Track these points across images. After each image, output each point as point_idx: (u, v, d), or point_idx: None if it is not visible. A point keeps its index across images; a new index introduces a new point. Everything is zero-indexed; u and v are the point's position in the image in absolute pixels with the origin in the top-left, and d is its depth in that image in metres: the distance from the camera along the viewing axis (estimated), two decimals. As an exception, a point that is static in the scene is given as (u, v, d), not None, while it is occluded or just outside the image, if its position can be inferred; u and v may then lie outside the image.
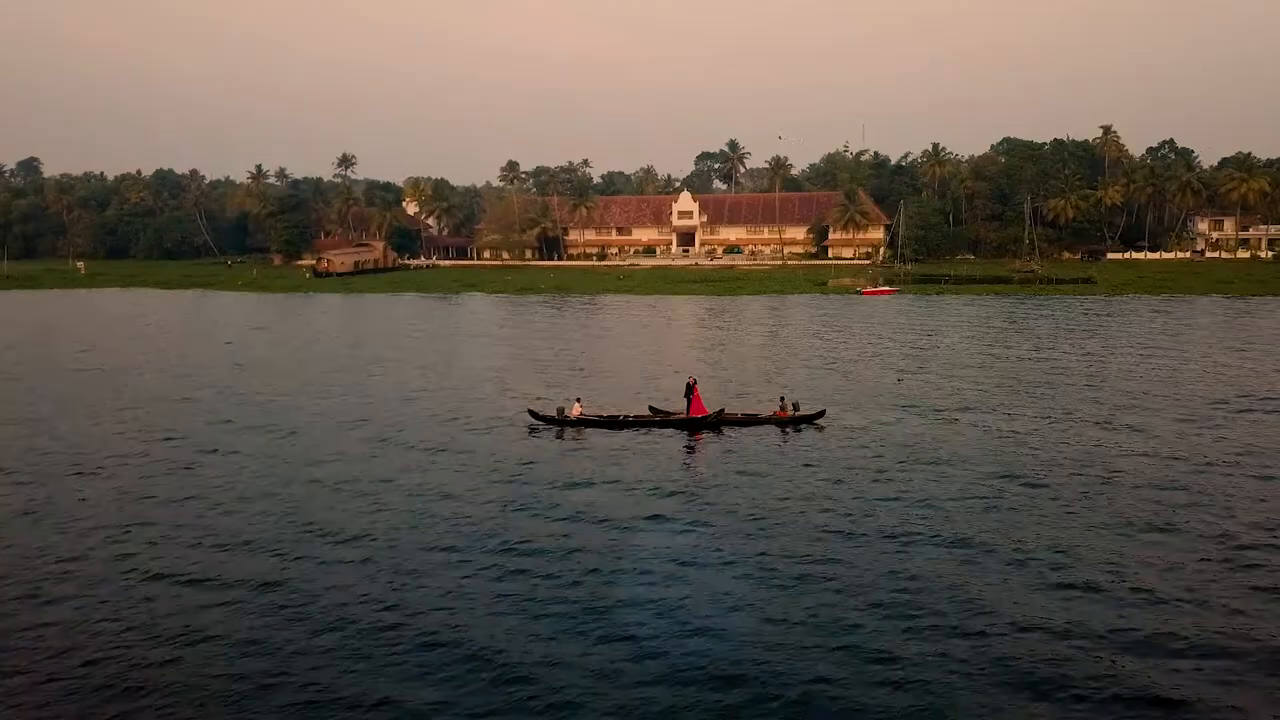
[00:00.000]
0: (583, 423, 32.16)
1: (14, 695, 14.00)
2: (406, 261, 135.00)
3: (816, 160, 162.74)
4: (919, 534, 20.68)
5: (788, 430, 31.48)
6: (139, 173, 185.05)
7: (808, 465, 26.89)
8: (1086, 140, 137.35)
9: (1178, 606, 16.74)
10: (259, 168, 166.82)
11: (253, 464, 27.39)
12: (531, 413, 33.05)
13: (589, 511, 22.63)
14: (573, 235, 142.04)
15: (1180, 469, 25.86)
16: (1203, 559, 19.05)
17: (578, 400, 33.35)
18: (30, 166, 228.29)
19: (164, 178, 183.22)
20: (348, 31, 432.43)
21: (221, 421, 33.64)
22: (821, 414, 32.78)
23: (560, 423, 32.23)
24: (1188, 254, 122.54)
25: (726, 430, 31.66)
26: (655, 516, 22.33)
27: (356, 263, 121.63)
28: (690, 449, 29.78)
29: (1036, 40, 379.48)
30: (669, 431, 31.64)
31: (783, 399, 33.37)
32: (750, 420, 32.59)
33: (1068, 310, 72.46)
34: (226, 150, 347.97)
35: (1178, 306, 74.85)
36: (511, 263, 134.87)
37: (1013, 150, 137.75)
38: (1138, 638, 15.55)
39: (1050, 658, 14.87)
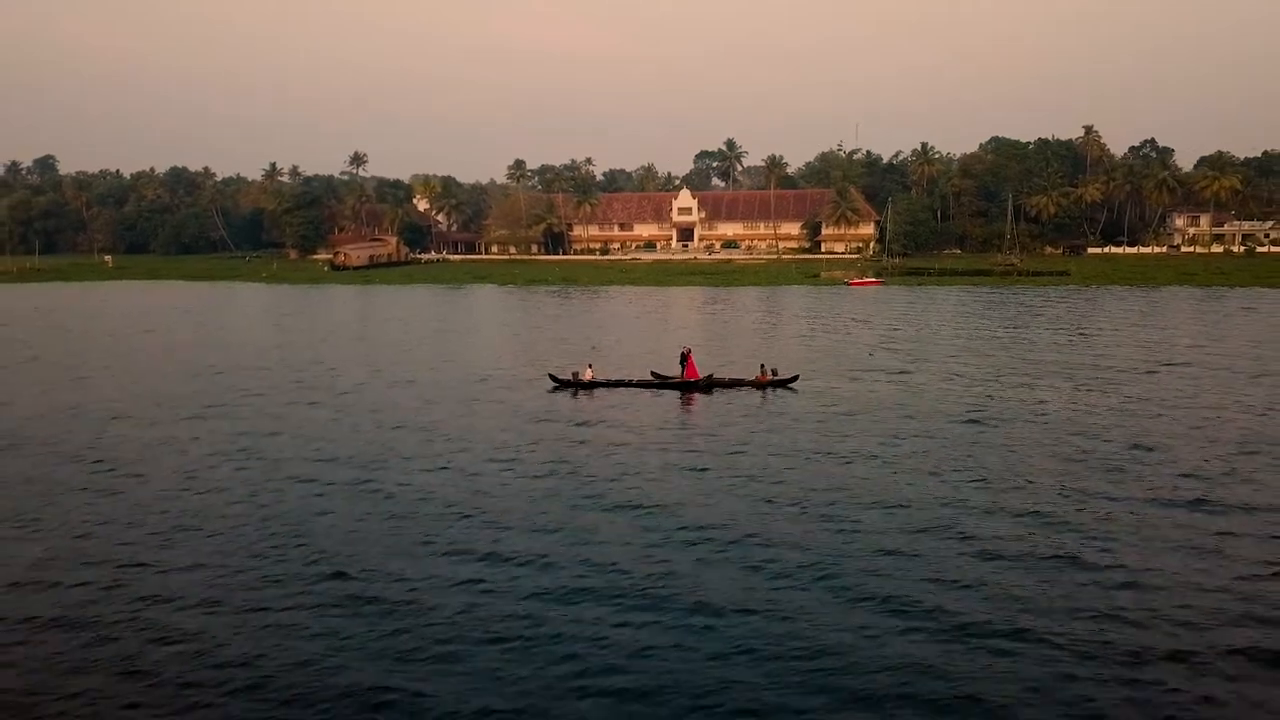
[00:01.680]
0: (594, 385, 38.07)
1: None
2: (418, 256, 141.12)
3: (811, 159, 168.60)
4: (858, 458, 26.59)
5: (766, 391, 37.35)
6: (152, 170, 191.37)
7: (780, 416, 32.81)
8: (1070, 140, 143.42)
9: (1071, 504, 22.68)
10: (273, 165, 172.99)
11: (335, 413, 33.46)
12: (551, 376, 39.09)
13: (598, 448, 28.52)
14: (577, 231, 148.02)
15: (1078, 410, 31.81)
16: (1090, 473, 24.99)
17: (589, 366, 39.34)
18: (47, 164, 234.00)
19: (178, 175, 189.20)
20: (352, 33, 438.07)
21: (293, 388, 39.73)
22: (795, 378, 38.68)
23: (575, 384, 38.14)
24: (1164, 249, 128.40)
25: (715, 391, 37.58)
26: (651, 449, 28.26)
27: (371, 257, 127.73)
28: (684, 405, 35.68)
29: (1031, 42, 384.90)
30: (666, 392, 37.58)
31: (762, 366, 39.29)
32: (735, 383, 38.49)
33: (1037, 299, 78.41)
34: (231, 149, 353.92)
35: (1134, 294, 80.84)
36: (518, 257, 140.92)
37: (999, 149, 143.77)
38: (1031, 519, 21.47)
39: (963, 558, 20.76)
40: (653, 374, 39.48)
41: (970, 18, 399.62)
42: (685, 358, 39.20)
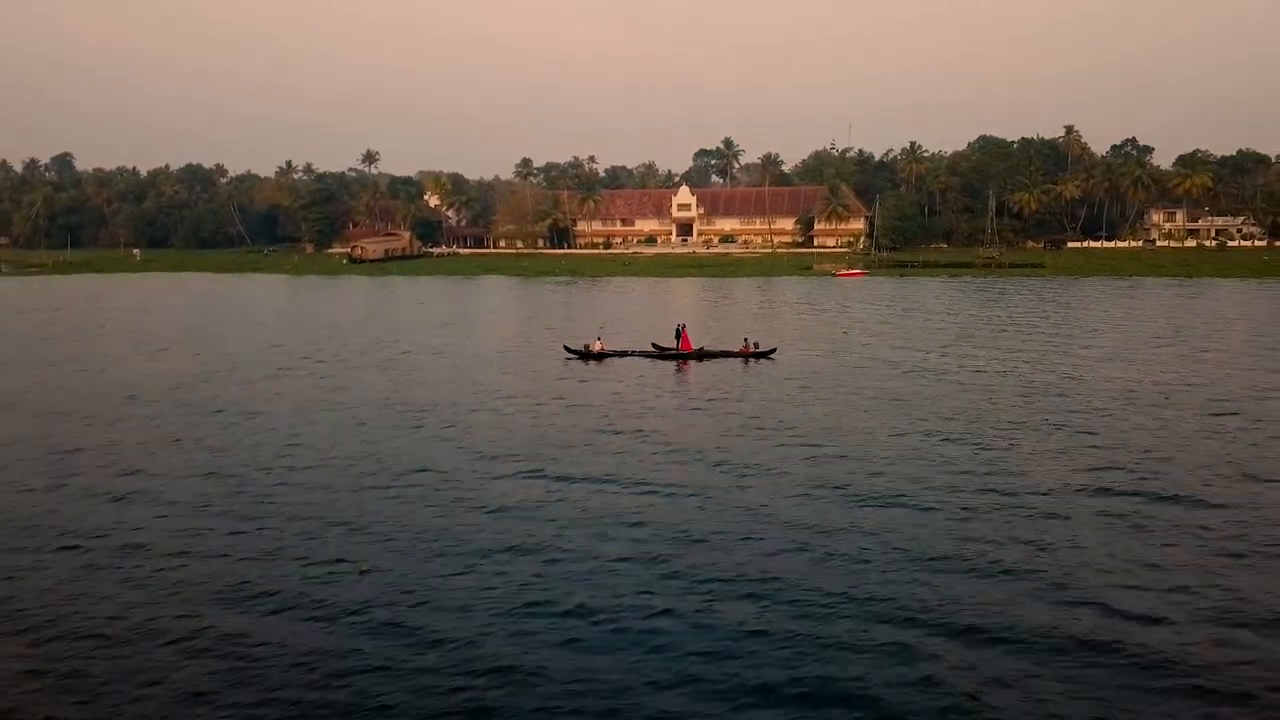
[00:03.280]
0: (603, 355, 44.79)
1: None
2: (430, 250, 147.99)
3: (806, 156, 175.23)
4: (816, 404, 33.30)
5: (749, 361, 44.00)
6: (167, 167, 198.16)
7: (757, 378, 39.54)
8: (1054, 139, 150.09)
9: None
10: (289, 163, 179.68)
11: (392, 375, 40.29)
12: (566, 347, 45.85)
13: (607, 398, 35.24)
14: (581, 226, 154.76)
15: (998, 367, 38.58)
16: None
17: (599, 339, 46.07)
18: (64, 162, 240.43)
19: (194, 172, 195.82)
20: (352, 33, 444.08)
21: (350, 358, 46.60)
22: (774, 350, 45.37)
23: (586, 354, 44.86)
24: (1140, 243, 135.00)
25: (706, 361, 44.29)
26: (650, 398, 35.00)
27: (387, 250, 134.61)
28: (678, 371, 42.37)
29: (1025, 43, 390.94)
30: (664, 361, 44.31)
31: (745, 339, 45.96)
32: (723, 354, 45.21)
33: (1007, 288, 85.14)
34: (236, 146, 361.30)
35: (1097, 284, 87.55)
36: (525, 251, 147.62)
37: (985, 148, 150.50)
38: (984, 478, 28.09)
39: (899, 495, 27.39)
40: (653, 345, 46.17)
41: (966, 19, 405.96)
42: (680, 332, 45.91)
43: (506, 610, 15.87)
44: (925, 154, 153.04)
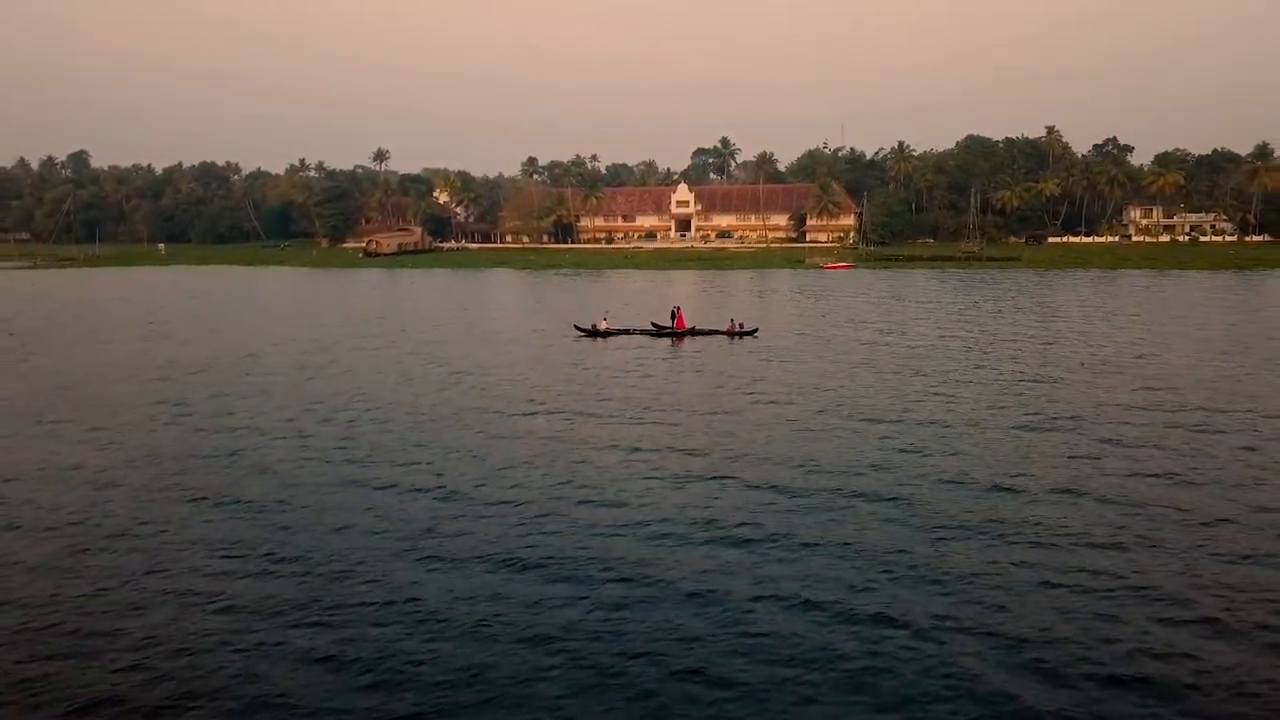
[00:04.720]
0: (608, 333, 51.66)
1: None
2: (440, 244, 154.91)
3: (800, 155, 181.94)
4: (788, 371, 40.15)
5: (734, 339, 50.85)
6: (180, 164, 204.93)
7: (741, 351, 46.39)
8: (1037, 139, 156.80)
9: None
10: (302, 161, 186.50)
11: (426, 351, 47.19)
12: (576, 326, 52.76)
13: (612, 369, 42.10)
14: (584, 222, 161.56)
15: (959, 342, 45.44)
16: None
17: (605, 319, 52.97)
18: (80, 160, 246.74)
19: (208, 169, 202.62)
20: (358, 33, 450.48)
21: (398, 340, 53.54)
22: (756, 330, 52.22)
23: (593, 333, 51.72)
24: (1116, 238, 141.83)
25: (698, 338, 51.16)
26: (648, 367, 41.89)
27: (400, 245, 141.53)
28: (673, 347, 49.21)
29: (1021, 45, 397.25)
30: (662, 339, 51.19)
31: (731, 320, 52.80)
32: (712, 332, 52.07)
33: (981, 279, 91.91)
34: (236, 144, 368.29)
35: (1065, 275, 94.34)
36: (530, 246, 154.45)
37: (971, 147, 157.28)
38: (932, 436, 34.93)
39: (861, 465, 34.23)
40: (652, 324, 53.06)
41: (964, 20, 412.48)
42: (675, 313, 52.79)
43: (551, 493, 22.88)
44: (914, 153, 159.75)
